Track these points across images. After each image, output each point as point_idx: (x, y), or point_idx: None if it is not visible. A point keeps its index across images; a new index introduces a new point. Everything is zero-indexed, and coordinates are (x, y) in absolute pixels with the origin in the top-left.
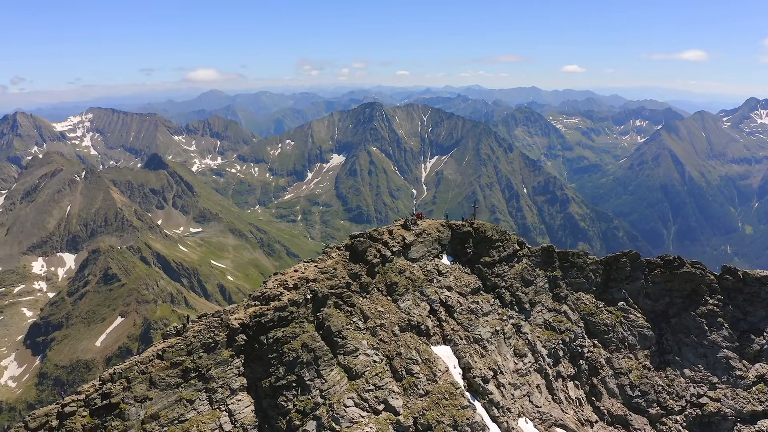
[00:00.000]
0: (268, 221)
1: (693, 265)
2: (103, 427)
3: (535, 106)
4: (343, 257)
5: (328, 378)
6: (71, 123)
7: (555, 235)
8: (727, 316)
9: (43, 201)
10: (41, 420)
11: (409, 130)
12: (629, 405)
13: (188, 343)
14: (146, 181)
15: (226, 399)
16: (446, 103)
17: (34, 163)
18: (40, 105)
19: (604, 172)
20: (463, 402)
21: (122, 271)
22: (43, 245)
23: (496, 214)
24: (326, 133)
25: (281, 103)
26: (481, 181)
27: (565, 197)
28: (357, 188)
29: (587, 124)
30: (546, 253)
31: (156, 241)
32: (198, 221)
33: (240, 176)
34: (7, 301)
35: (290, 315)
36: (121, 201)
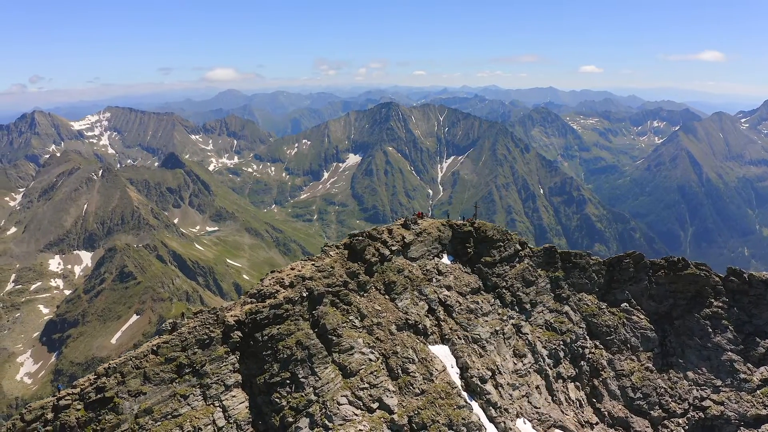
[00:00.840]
0: (284, 221)
1: (697, 266)
2: (97, 420)
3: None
4: (341, 256)
5: (322, 376)
6: (89, 122)
7: (571, 236)
8: (731, 319)
9: (61, 199)
10: (37, 413)
11: (426, 130)
12: (631, 407)
13: (183, 339)
14: (163, 180)
15: (220, 395)
16: (463, 103)
17: (51, 162)
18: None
19: (621, 173)
20: (459, 402)
21: (138, 269)
22: (60, 243)
23: (512, 214)
24: (343, 132)
25: (298, 103)
26: (497, 181)
27: (582, 198)
28: (373, 188)
29: (604, 125)
30: (548, 253)
31: (172, 239)
32: (214, 220)
33: (256, 175)
34: (24, 298)
35: (285, 312)
36: (138, 199)
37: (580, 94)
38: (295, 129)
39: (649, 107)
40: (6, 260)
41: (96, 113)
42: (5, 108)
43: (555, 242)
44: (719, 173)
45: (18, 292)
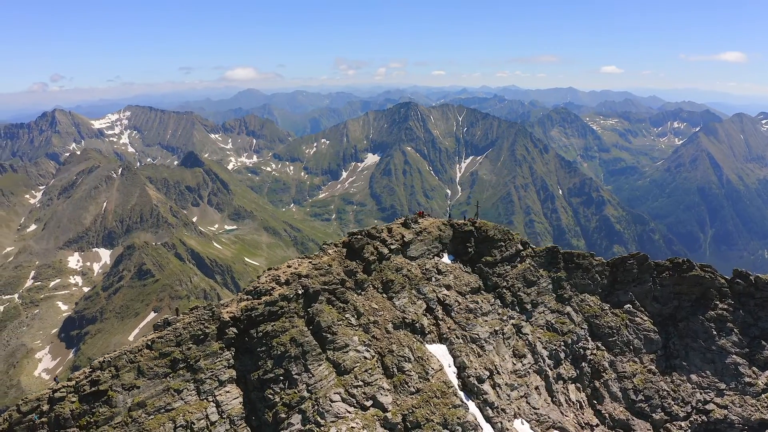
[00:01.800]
0: (303, 220)
1: (702, 268)
2: (91, 413)
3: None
4: (339, 254)
5: (316, 373)
6: (109, 120)
7: (590, 238)
8: (737, 321)
9: (80, 197)
10: (33, 404)
11: (444, 130)
12: (632, 409)
13: (177, 335)
14: (182, 179)
15: (214, 390)
16: (482, 104)
17: (71, 160)
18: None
19: (641, 174)
20: (455, 401)
21: (156, 266)
22: (79, 240)
23: (530, 215)
24: (361, 132)
25: (317, 103)
26: (516, 181)
27: (601, 199)
28: (391, 188)
29: (624, 126)
30: (550, 253)
31: (190, 237)
32: (233, 219)
33: (275, 175)
34: (43, 294)
35: (280, 310)
36: (157, 198)
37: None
38: (314, 128)
39: (670, 108)
40: (26, 257)
41: (116, 112)
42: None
43: (573, 243)
44: (739, 175)
45: (37, 288)
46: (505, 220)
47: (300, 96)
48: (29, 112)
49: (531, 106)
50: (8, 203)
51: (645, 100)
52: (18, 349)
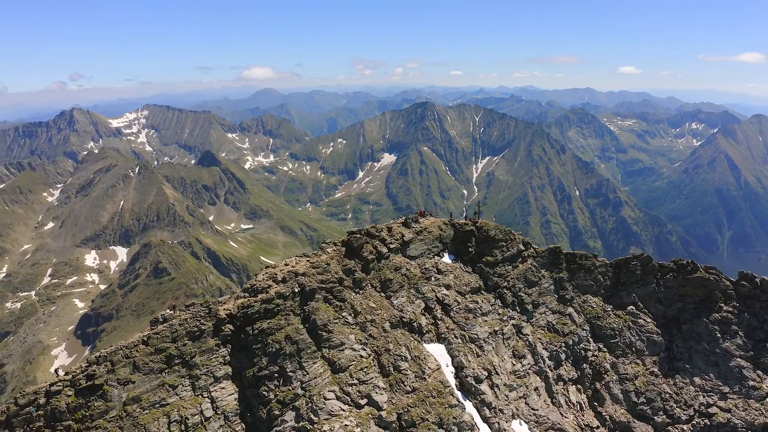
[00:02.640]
0: (319, 219)
1: (707, 270)
2: (86, 406)
3: (589, 108)
4: (338, 253)
5: (310, 370)
6: (127, 119)
7: (607, 239)
8: (742, 324)
9: (97, 195)
10: (30, 397)
11: (461, 131)
12: (633, 412)
13: (173, 331)
14: (199, 178)
15: (209, 386)
16: (499, 104)
17: (89, 158)
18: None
19: (659, 175)
20: (451, 401)
21: (172, 265)
22: (97, 238)
23: (547, 216)
24: (378, 132)
25: (334, 102)
26: (532, 182)
27: (618, 200)
28: (408, 188)
29: (642, 126)
30: (552, 254)
31: (207, 236)
32: (249, 218)
33: (292, 174)
34: (60, 292)
35: (276, 307)
36: (174, 196)
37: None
38: (331, 128)
39: (688, 109)
40: (43, 255)
41: (134, 111)
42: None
43: (590, 245)
44: (758, 176)
45: (54, 286)
46: (521, 221)
47: (317, 96)
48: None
49: (548, 106)
50: (26, 201)
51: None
52: (35, 345)
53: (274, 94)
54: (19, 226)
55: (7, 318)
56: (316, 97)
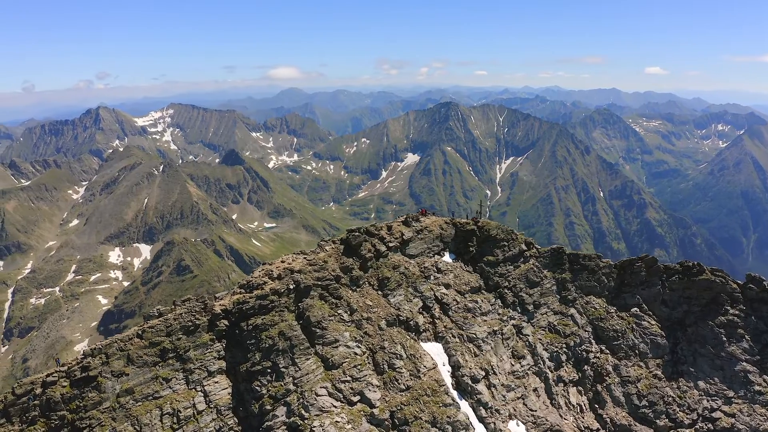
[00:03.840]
0: (342, 218)
1: (713, 272)
2: (81, 397)
3: (614, 108)
4: (336, 251)
5: (302, 366)
6: (152, 118)
7: (631, 241)
8: (748, 328)
9: (122, 193)
10: (27, 387)
11: (485, 131)
12: (635, 415)
13: (168, 325)
14: (223, 176)
15: (203, 380)
16: (524, 104)
17: (114, 157)
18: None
19: (684, 177)
20: (446, 400)
21: (195, 262)
22: (121, 236)
23: (570, 217)
24: (401, 132)
25: (359, 102)
26: (556, 183)
27: (643, 202)
28: (431, 188)
29: (667, 128)
30: (555, 254)
31: (230, 234)
32: (272, 216)
33: (315, 173)
34: (84, 288)
35: (271, 304)
36: (197, 195)
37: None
38: (355, 128)
39: (714, 110)
40: (67, 251)
41: (159, 110)
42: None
43: (614, 247)
44: None
45: (78, 282)
46: (544, 222)
47: (341, 95)
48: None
49: (573, 107)
50: (51, 198)
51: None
52: (58, 341)
53: (298, 94)
54: (44, 223)
55: (31, 313)
56: (340, 97)
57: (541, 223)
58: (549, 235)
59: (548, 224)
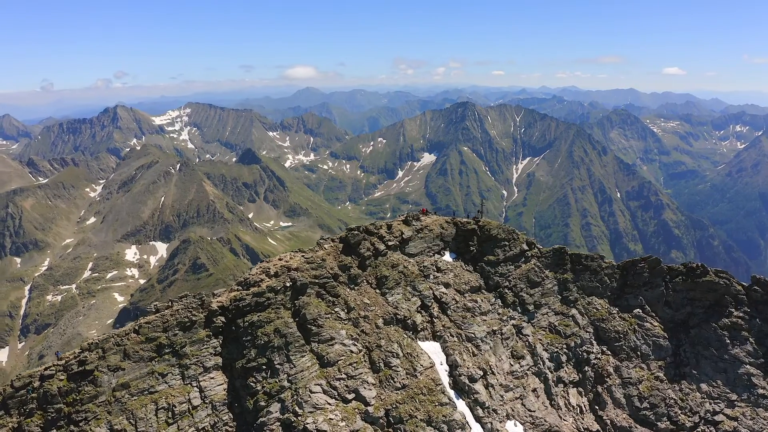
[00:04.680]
0: (358, 218)
1: (717, 273)
2: (77, 391)
3: (632, 109)
4: (335, 249)
5: (297, 363)
6: (170, 117)
7: (648, 242)
8: (753, 331)
9: (139, 191)
10: (25, 380)
11: (502, 131)
12: (636, 417)
13: (164, 321)
14: (239, 175)
15: (198, 376)
16: (541, 104)
17: (131, 155)
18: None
19: (702, 178)
20: (442, 399)
21: (210, 261)
22: (137, 234)
23: (587, 218)
24: (418, 131)
25: (375, 102)
26: (573, 183)
27: (660, 203)
28: (447, 188)
29: (685, 128)
30: (557, 254)
31: (246, 233)
32: (288, 215)
33: (331, 173)
34: (100, 286)
35: (267, 301)
36: (214, 193)
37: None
38: (372, 127)
39: (732, 111)
40: (84, 249)
41: (177, 109)
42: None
43: (631, 248)
44: None
45: (95, 279)
46: (561, 223)
47: (358, 95)
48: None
49: (591, 107)
50: (69, 196)
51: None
52: (74, 338)
53: (315, 93)
54: (61, 221)
55: (48, 310)
56: (357, 97)
57: (557, 224)
58: (565, 235)
59: (564, 225)
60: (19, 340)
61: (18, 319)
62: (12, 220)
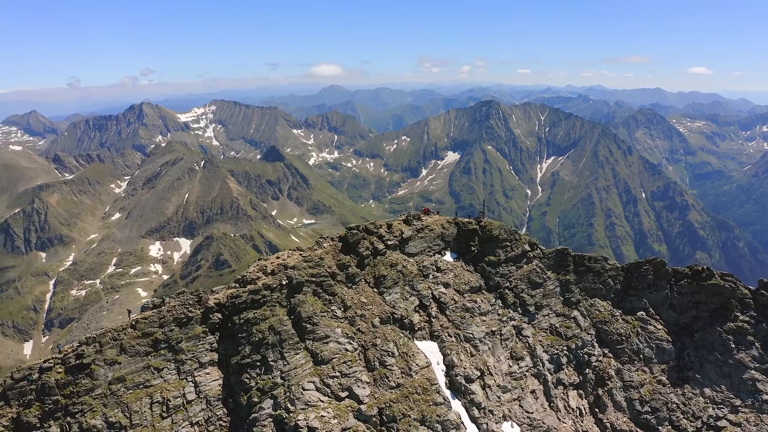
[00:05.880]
0: (381, 216)
1: (723, 277)
2: (74, 383)
3: (658, 108)
4: (334, 248)
5: (291, 361)
6: (195, 114)
7: (672, 243)
8: (759, 335)
9: (163, 188)
10: (25, 372)
11: (526, 130)
12: (636, 421)
13: (161, 317)
14: (263, 173)
15: (194, 371)
16: (566, 103)
17: (156, 152)
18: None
19: (728, 178)
20: (436, 398)
21: (233, 257)
22: (161, 230)
23: (611, 218)
24: (442, 130)
25: (400, 100)
26: (597, 183)
27: (685, 204)
28: (471, 186)
29: (712, 129)
30: (560, 255)
31: (269, 230)
32: (311, 213)
33: (355, 170)
34: (124, 281)
35: (263, 298)
36: (237, 190)
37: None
38: (396, 126)
39: (760, 111)
40: (109, 244)
41: (202, 106)
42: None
43: (655, 248)
44: None
45: (119, 275)
46: (585, 223)
47: (383, 93)
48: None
49: (616, 106)
50: (94, 192)
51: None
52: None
53: (340, 91)
54: (86, 216)
55: (72, 305)
56: (382, 95)
57: (581, 224)
58: (589, 236)
59: (588, 225)
60: (43, 333)
61: (42, 313)
62: (38, 215)
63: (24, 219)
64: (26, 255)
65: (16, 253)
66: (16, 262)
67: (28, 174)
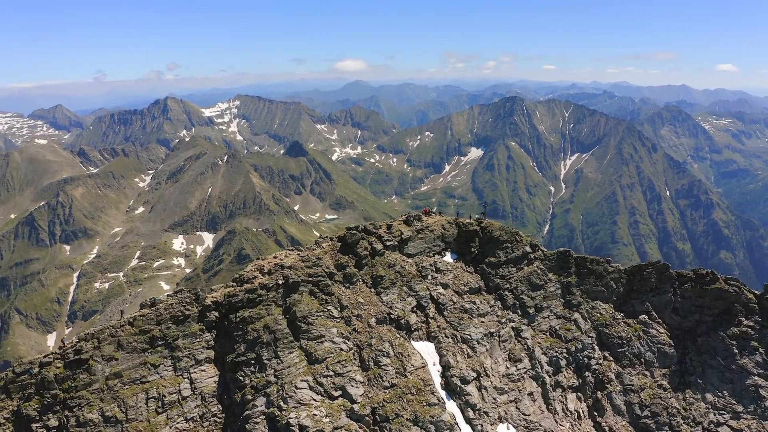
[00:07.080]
0: (403, 211)
1: (727, 281)
2: (73, 378)
3: (684, 105)
4: (333, 248)
5: (285, 359)
6: (219, 109)
7: (696, 242)
8: (763, 340)
9: (187, 182)
10: (25, 366)
11: (550, 126)
12: (636, 425)
13: (158, 314)
14: (286, 167)
15: (190, 368)
16: (591, 100)
17: (180, 146)
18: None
19: (753, 177)
20: (430, 399)
21: (255, 251)
22: (184, 224)
23: (635, 216)
24: (465, 126)
25: (424, 95)
26: (621, 181)
27: (710, 202)
28: (494, 183)
29: (738, 126)
30: (561, 257)
31: (291, 225)
32: (334, 208)
33: (378, 166)
34: (147, 274)
35: (258, 297)
36: (260, 185)
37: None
38: (420, 121)
39: None
40: (132, 238)
41: (226, 101)
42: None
43: (679, 247)
44: None
45: (142, 268)
46: (608, 220)
47: (407, 88)
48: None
49: (642, 103)
50: (118, 186)
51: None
52: None
53: (364, 86)
54: (110, 210)
55: (96, 297)
56: (406, 90)
57: (605, 222)
58: (613, 233)
59: (612, 223)
60: (67, 326)
61: (66, 305)
62: (62, 208)
63: (49, 212)
64: (51, 248)
65: (40, 246)
66: (40, 255)
67: (53, 167)
